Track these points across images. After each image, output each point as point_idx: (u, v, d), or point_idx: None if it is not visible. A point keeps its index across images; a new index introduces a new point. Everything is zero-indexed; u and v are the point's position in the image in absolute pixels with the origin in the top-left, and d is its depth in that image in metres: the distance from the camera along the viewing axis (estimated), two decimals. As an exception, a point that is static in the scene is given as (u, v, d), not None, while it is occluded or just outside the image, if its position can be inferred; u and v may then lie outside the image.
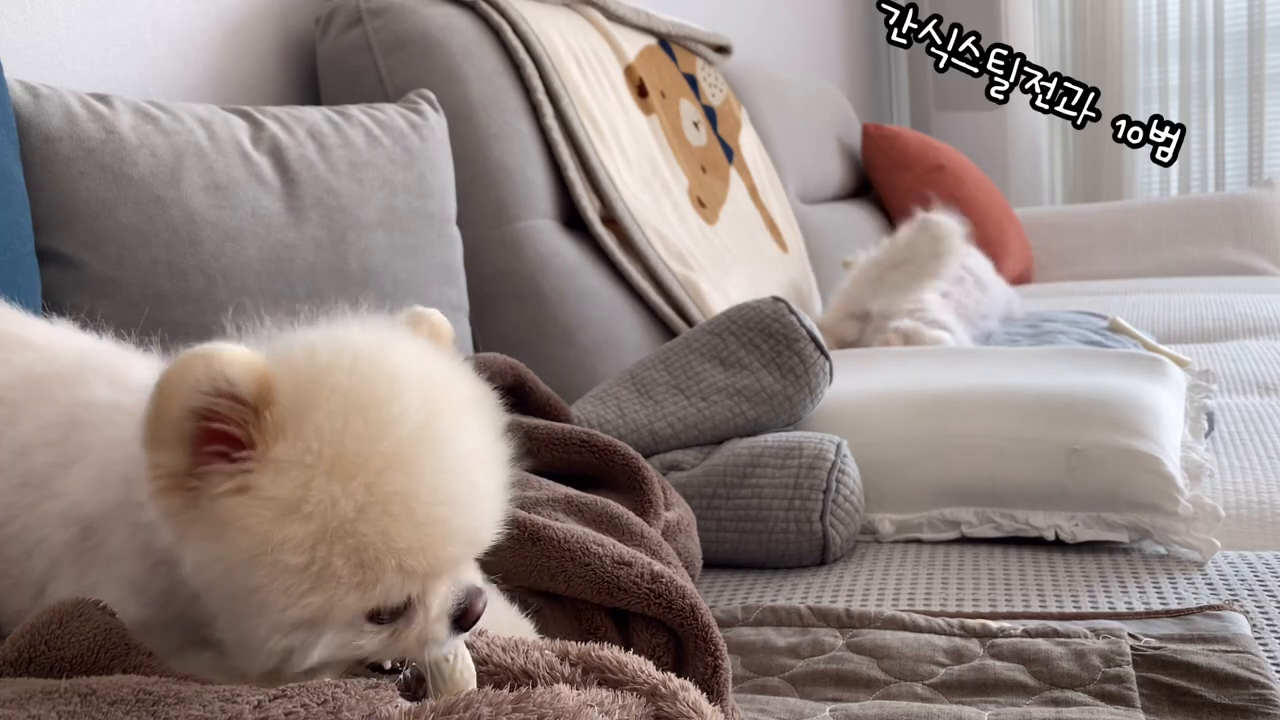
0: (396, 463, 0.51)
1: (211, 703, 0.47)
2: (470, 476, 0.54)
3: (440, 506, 0.52)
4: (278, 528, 0.49)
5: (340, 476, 0.50)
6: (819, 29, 3.69)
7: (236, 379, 0.49)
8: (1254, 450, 1.37)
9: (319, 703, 0.47)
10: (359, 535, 0.50)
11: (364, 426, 0.50)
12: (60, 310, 1.02)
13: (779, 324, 1.27)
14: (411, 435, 0.51)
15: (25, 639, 0.54)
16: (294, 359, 0.52)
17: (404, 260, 1.32)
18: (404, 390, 0.52)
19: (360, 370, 0.52)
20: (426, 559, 0.52)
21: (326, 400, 0.51)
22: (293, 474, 0.49)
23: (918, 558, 1.12)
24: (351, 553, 0.50)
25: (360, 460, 0.50)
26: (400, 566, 0.51)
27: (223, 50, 1.46)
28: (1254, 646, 0.82)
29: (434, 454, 0.52)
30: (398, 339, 0.57)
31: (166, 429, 0.50)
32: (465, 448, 0.54)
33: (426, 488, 0.51)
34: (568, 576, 0.78)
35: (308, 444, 0.50)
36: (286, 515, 0.49)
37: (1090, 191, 4.19)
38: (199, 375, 0.49)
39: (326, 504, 0.49)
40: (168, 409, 0.49)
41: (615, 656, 0.60)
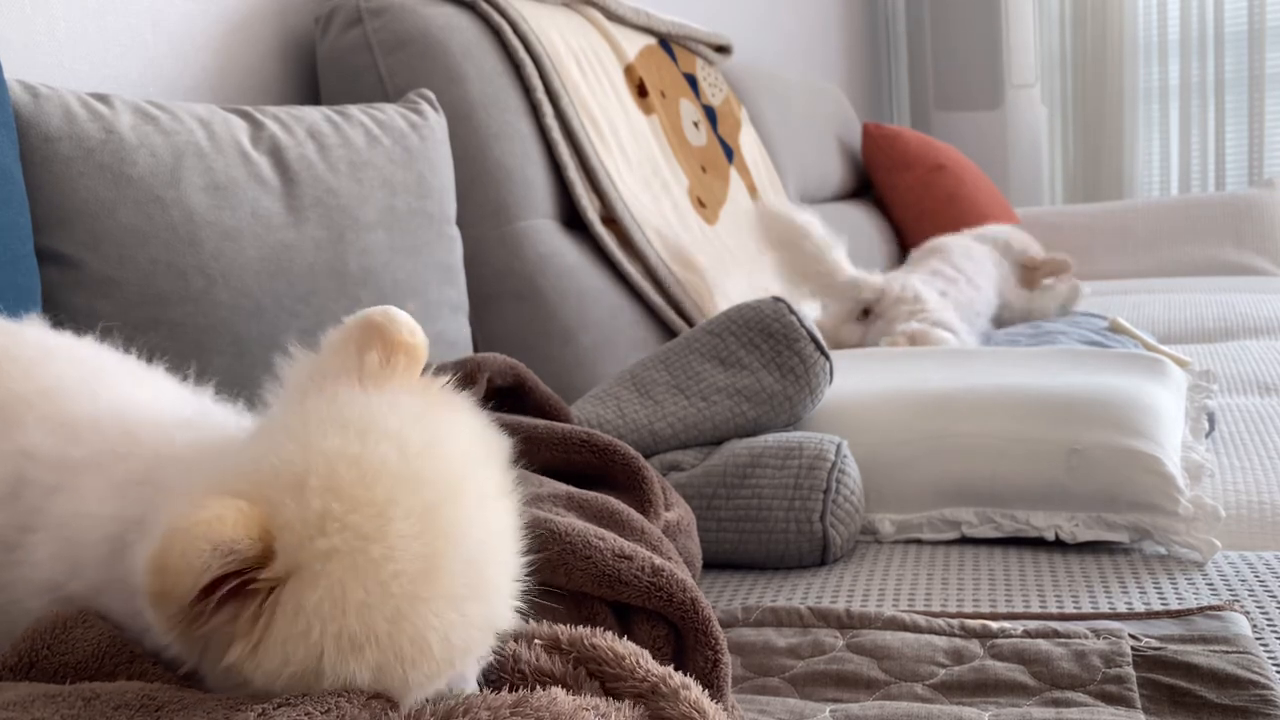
0: (404, 618, 0.49)
1: (215, 710, 0.47)
2: (482, 583, 0.51)
3: (456, 635, 0.50)
4: (296, 684, 0.48)
5: (350, 650, 0.48)
6: (819, 29, 3.69)
7: (241, 549, 0.47)
8: (1254, 450, 1.37)
9: (323, 711, 0.47)
10: (379, 685, 0.49)
11: (364, 594, 0.48)
12: (60, 310, 1.02)
13: (779, 324, 1.27)
14: (415, 582, 0.49)
15: (27, 644, 0.54)
16: (286, 510, 0.48)
17: (404, 260, 1.32)
18: (401, 537, 0.49)
19: (353, 524, 0.49)
20: (449, 674, 0.52)
21: (322, 569, 0.48)
22: (301, 651, 0.48)
23: (918, 558, 1.12)
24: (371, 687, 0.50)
25: (366, 629, 0.48)
26: (423, 690, 0.51)
27: (222, 50, 1.46)
28: (1254, 647, 0.82)
29: (440, 588, 0.50)
30: (385, 447, 0.51)
31: (173, 604, 0.47)
32: (472, 559, 0.51)
33: (436, 631, 0.49)
34: (568, 570, 0.78)
35: (310, 621, 0.48)
36: (302, 678, 0.48)
37: (1090, 191, 4.19)
38: (205, 557, 0.46)
39: (342, 674, 0.48)
40: (174, 591, 0.46)
41: (611, 647, 0.60)
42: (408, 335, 0.54)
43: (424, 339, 0.56)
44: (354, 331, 0.54)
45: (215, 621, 0.48)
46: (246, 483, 0.49)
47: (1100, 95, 4.15)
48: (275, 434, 0.52)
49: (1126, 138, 4.12)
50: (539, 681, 0.58)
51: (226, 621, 0.48)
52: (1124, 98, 4.10)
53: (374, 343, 0.54)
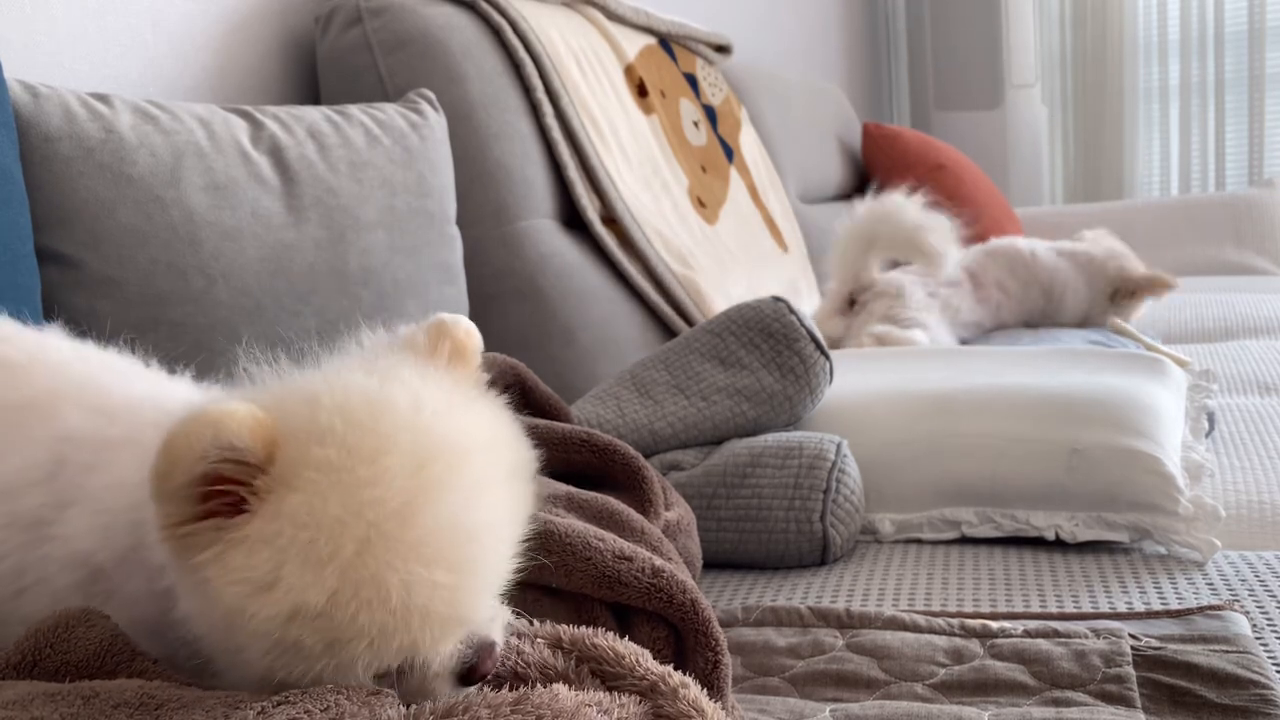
0: (370, 548, 0.49)
1: (215, 708, 0.47)
2: (457, 558, 0.51)
3: (417, 594, 0.50)
4: (250, 602, 0.48)
5: (312, 563, 0.48)
6: (819, 29, 3.69)
7: (243, 445, 0.49)
8: (1254, 450, 1.37)
9: (321, 709, 0.47)
10: (330, 618, 0.49)
11: (341, 509, 0.49)
12: (60, 310, 1.02)
13: (779, 324, 1.27)
14: (390, 520, 0.49)
15: (30, 643, 0.54)
16: (295, 419, 0.51)
17: (404, 260, 1.32)
18: (389, 471, 0.50)
19: (350, 444, 0.50)
20: (403, 641, 0.50)
21: (309, 480, 0.49)
22: (265, 554, 0.48)
23: (918, 558, 1.12)
24: (323, 633, 0.49)
25: (333, 546, 0.49)
26: (374, 647, 0.50)
27: (222, 50, 1.46)
28: (1254, 646, 0.82)
29: (414, 540, 0.50)
30: (401, 393, 0.53)
31: (172, 489, 0.49)
32: (453, 527, 0.51)
33: (400, 577, 0.49)
34: (568, 571, 0.78)
35: (281, 525, 0.49)
36: (258, 593, 0.48)
37: (1090, 191, 4.19)
38: (206, 442, 0.48)
39: (297, 588, 0.48)
40: (174, 472, 0.49)
41: (611, 646, 0.60)
42: (462, 334, 0.58)
43: (478, 342, 0.59)
44: (423, 325, 0.58)
45: (204, 524, 0.49)
46: (270, 396, 0.51)
47: (1100, 95, 4.15)
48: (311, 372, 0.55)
49: (1126, 138, 4.12)
50: (543, 675, 0.58)
51: (213, 528, 0.49)
52: (1124, 98, 4.10)
53: (432, 333, 0.57)
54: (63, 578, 0.58)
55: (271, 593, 0.48)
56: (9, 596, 0.59)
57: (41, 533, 0.58)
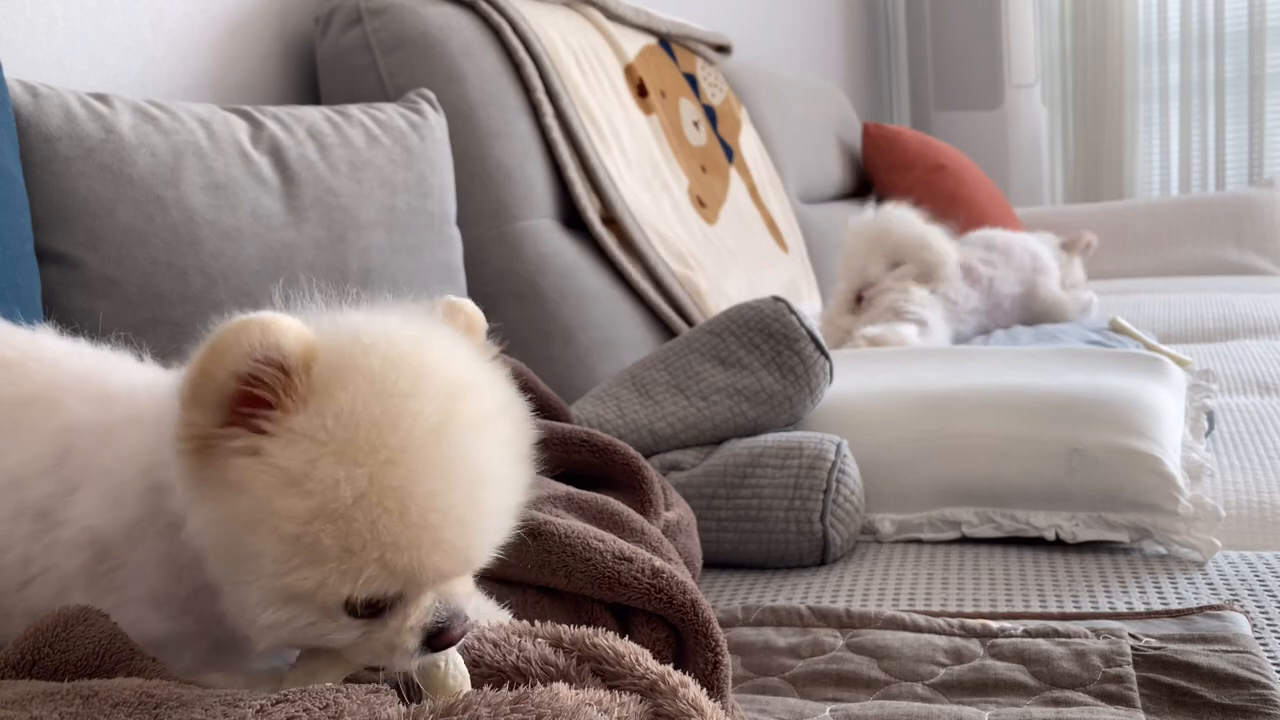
0: (402, 458, 0.51)
1: (214, 706, 0.47)
2: (473, 491, 0.53)
3: (434, 513, 0.51)
4: (278, 496, 0.50)
5: (347, 461, 0.50)
6: (819, 29, 3.69)
7: (288, 349, 0.50)
8: (1254, 450, 1.37)
9: (320, 707, 0.47)
10: (351, 521, 0.50)
11: (381, 415, 0.51)
12: (60, 310, 1.02)
13: (779, 324, 1.27)
14: (424, 434, 0.52)
15: (29, 642, 0.54)
16: (339, 337, 0.53)
17: (404, 260, 1.32)
18: (428, 389, 0.53)
19: (393, 359, 0.53)
20: (411, 560, 0.51)
21: (352, 381, 0.51)
22: (303, 447, 0.50)
23: (918, 558, 1.12)
24: (341, 536, 0.50)
25: (369, 448, 0.50)
26: (384, 560, 0.51)
27: (222, 50, 1.46)
28: (1254, 646, 0.82)
29: (441, 459, 0.52)
30: (439, 338, 0.57)
31: (209, 389, 0.50)
32: (475, 461, 0.53)
33: (424, 490, 0.51)
34: (568, 572, 0.78)
35: (324, 421, 0.50)
36: (288, 486, 0.50)
37: (1090, 191, 4.19)
38: (254, 341, 0.50)
39: (328, 484, 0.50)
40: (215, 370, 0.50)
41: (611, 645, 0.60)
42: (471, 310, 0.61)
43: (484, 322, 0.62)
44: (436, 303, 0.61)
45: (233, 429, 0.50)
46: (313, 321, 0.54)
47: (1100, 95, 4.15)
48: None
49: (1126, 137, 4.12)
50: (544, 673, 0.58)
51: (247, 428, 0.51)
52: (1124, 97, 4.10)
53: (446, 309, 0.60)
54: (70, 561, 0.58)
55: (302, 486, 0.50)
56: (15, 588, 0.60)
57: (48, 521, 0.59)
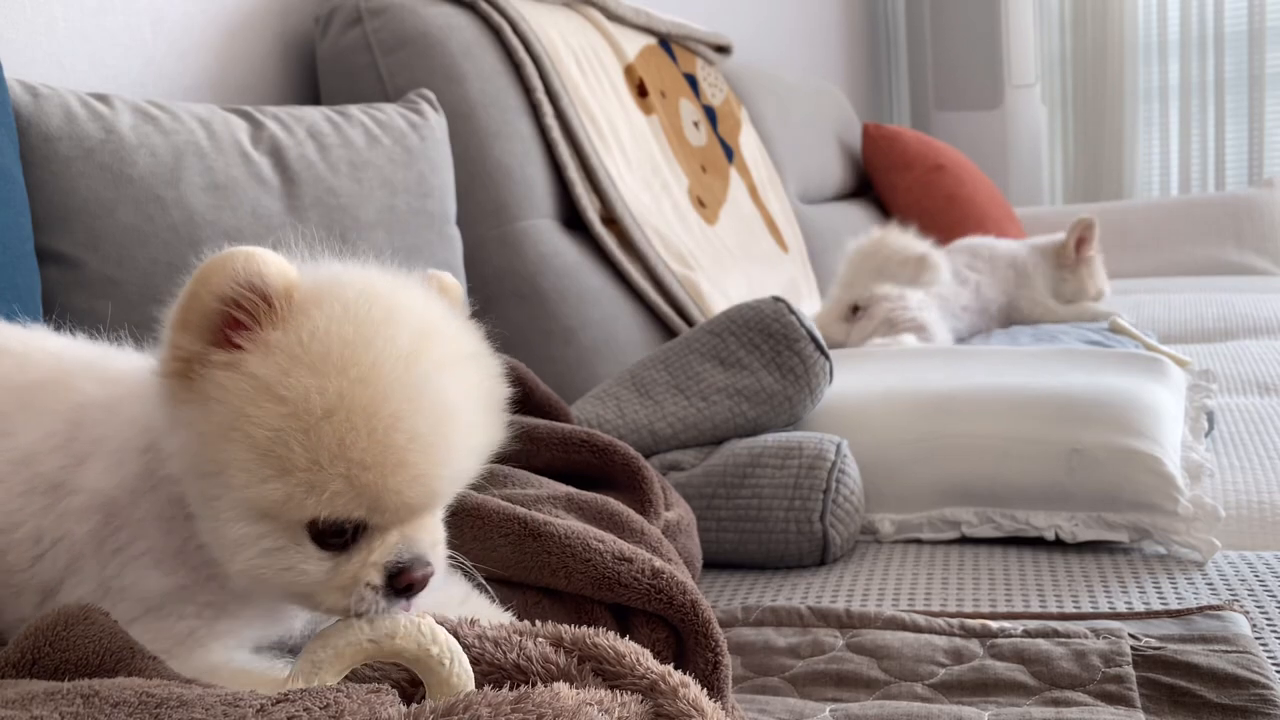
0: (372, 378, 0.53)
1: (214, 706, 0.47)
2: (439, 421, 0.55)
3: (399, 434, 0.53)
4: (251, 403, 0.52)
5: (319, 373, 0.52)
6: (819, 29, 3.69)
7: (269, 276, 0.53)
8: (1254, 450, 1.37)
9: (321, 706, 0.47)
10: (320, 433, 0.52)
11: (354, 335, 0.53)
12: (60, 310, 1.02)
13: (779, 324, 1.27)
14: (394, 360, 0.54)
15: (29, 641, 0.54)
16: (320, 273, 0.57)
17: (404, 260, 1.32)
18: (400, 321, 0.55)
19: (370, 292, 0.56)
20: (375, 479, 0.53)
21: (329, 305, 0.54)
22: (278, 359, 0.53)
23: (918, 558, 1.12)
24: (310, 448, 0.52)
25: (341, 364, 0.53)
26: (349, 477, 0.53)
27: (222, 50, 1.46)
28: (1254, 646, 0.82)
29: (410, 385, 0.54)
30: (414, 286, 0.60)
31: (195, 312, 0.54)
32: (443, 394, 0.55)
33: (391, 411, 0.53)
34: (568, 572, 0.78)
35: (300, 336, 0.53)
36: (262, 394, 0.52)
37: (1090, 191, 4.19)
38: (237, 267, 0.53)
39: (300, 394, 0.52)
40: (201, 293, 0.54)
41: (612, 645, 0.60)
42: (447, 278, 0.65)
43: (461, 291, 0.65)
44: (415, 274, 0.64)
45: (219, 351, 0.53)
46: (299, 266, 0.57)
47: (1100, 95, 4.15)
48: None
49: (1126, 138, 4.12)
50: (545, 671, 0.58)
51: (228, 346, 0.54)
52: (1124, 98, 4.10)
53: (425, 277, 0.64)
54: (81, 527, 0.60)
55: (275, 393, 0.52)
56: (26, 564, 0.62)
57: (60, 492, 0.61)
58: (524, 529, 0.80)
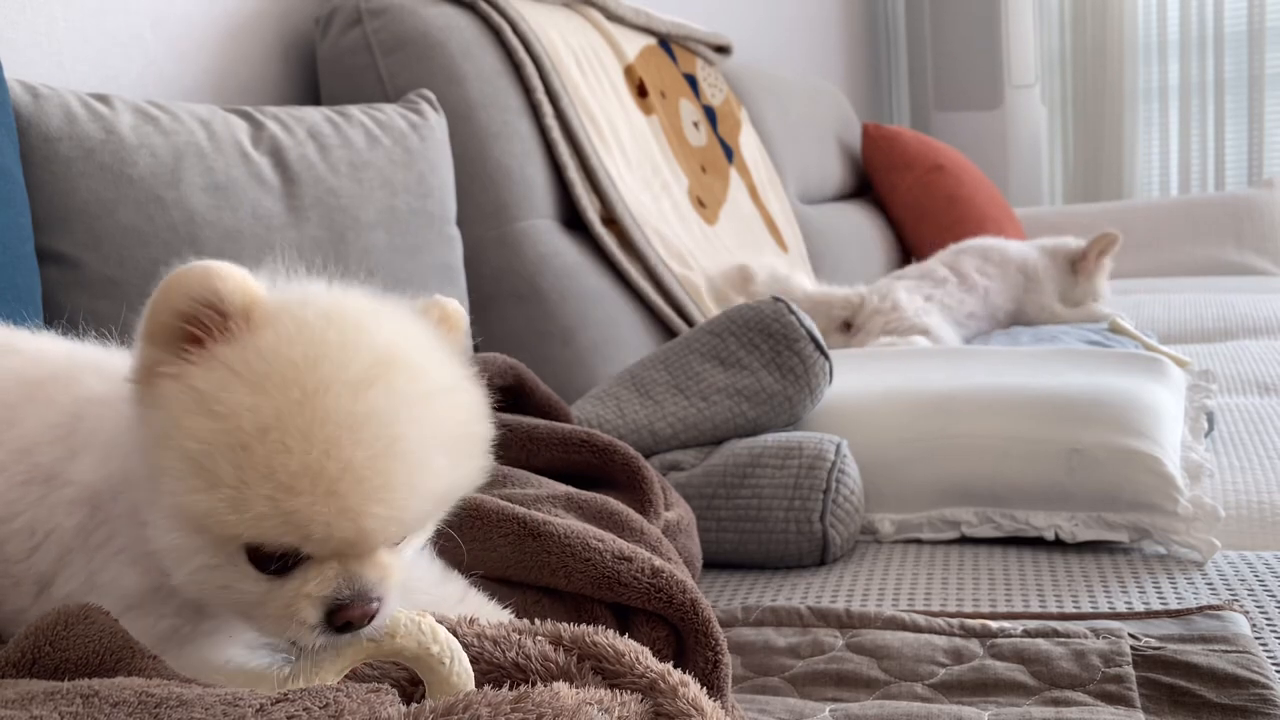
0: (313, 402, 0.51)
1: (214, 706, 0.47)
2: (382, 457, 0.52)
3: (333, 462, 0.50)
4: (187, 414, 0.52)
5: (259, 391, 0.51)
6: (819, 29, 3.69)
7: (225, 293, 0.53)
8: (1254, 450, 1.37)
9: (321, 706, 0.47)
10: (250, 451, 0.50)
11: (301, 356, 0.52)
12: (60, 310, 1.02)
13: (779, 324, 1.27)
14: (341, 386, 0.52)
15: (29, 641, 0.54)
16: (289, 293, 0.56)
17: (404, 260, 1.32)
18: (359, 348, 0.53)
19: (330, 315, 0.54)
20: (302, 507, 0.50)
21: (282, 324, 0.53)
22: (219, 374, 0.52)
23: (918, 558, 1.12)
24: (237, 465, 0.50)
25: (282, 384, 0.51)
26: (274, 500, 0.50)
27: (222, 50, 1.46)
28: (1254, 646, 0.82)
29: (353, 415, 0.51)
30: (397, 316, 0.58)
31: (156, 325, 0.53)
32: (391, 428, 0.52)
33: (327, 436, 0.51)
34: (568, 572, 0.78)
35: (245, 354, 0.52)
36: (198, 407, 0.52)
37: (1090, 191, 4.19)
38: (194, 283, 0.53)
39: (234, 410, 0.51)
40: (162, 307, 0.53)
41: (611, 644, 0.60)
42: (451, 308, 0.63)
43: (464, 320, 0.64)
44: (418, 300, 0.63)
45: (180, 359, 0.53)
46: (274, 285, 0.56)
47: (1100, 95, 4.15)
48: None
49: (1126, 138, 4.12)
50: (544, 669, 0.58)
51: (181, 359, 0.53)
52: (1124, 98, 4.09)
53: (426, 304, 0.62)
54: (69, 519, 0.60)
55: (210, 408, 0.51)
56: (23, 555, 0.61)
57: (53, 484, 0.61)
58: (523, 528, 0.80)
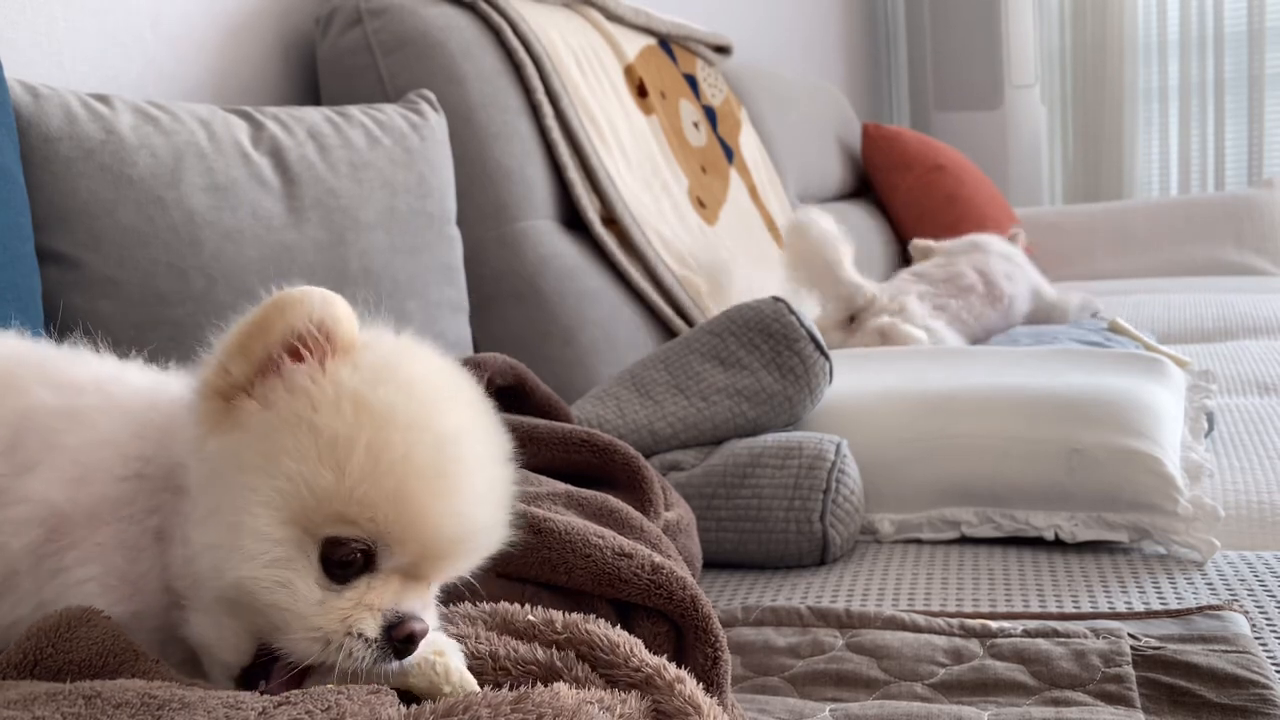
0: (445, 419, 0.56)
1: (216, 709, 0.47)
2: (485, 493, 0.57)
3: (455, 472, 0.55)
4: (326, 405, 0.54)
5: (404, 394, 0.55)
6: (819, 29, 3.69)
7: (342, 322, 0.55)
8: (1254, 450, 1.37)
9: (322, 709, 0.47)
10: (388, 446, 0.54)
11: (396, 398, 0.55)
12: (60, 310, 1.03)
13: (779, 324, 1.27)
14: (443, 431, 0.55)
15: (30, 643, 0.54)
16: (384, 335, 0.59)
17: (404, 260, 1.32)
18: (459, 399, 0.58)
19: (435, 366, 0.59)
20: (421, 502, 0.54)
21: (398, 375, 0.56)
22: (365, 374, 0.55)
23: (918, 558, 1.12)
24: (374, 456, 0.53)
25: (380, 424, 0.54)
26: (399, 491, 0.54)
27: (223, 50, 1.46)
28: (1254, 646, 0.83)
29: (475, 452, 0.56)
30: (458, 368, 0.61)
31: (256, 342, 0.55)
32: (492, 473, 0.57)
33: (454, 456, 0.55)
34: (569, 568, 0.78)
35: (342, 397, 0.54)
36: (345, 399, 0.54)
37: (1090, 191, 4.19)
38: (316, 304, 0.54)
39: (384, 405, 0.54)
40: (269, 326, 0.54)
41: (605, 634, 0.60)
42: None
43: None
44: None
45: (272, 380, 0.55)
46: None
47: (1100, 95, 4.15)
48: None
49: (1126, 138, 4.12)
50: (525, 673, 0.58)
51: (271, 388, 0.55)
52: (1124, 98, 4.09)
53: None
54: (18, 540, 0.57)
55: (359, 399, 0.54)
56: None
57: (1, 499, 0.58)
58: (524, 524, 0.80)
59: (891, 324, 1.84)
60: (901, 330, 1.84)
